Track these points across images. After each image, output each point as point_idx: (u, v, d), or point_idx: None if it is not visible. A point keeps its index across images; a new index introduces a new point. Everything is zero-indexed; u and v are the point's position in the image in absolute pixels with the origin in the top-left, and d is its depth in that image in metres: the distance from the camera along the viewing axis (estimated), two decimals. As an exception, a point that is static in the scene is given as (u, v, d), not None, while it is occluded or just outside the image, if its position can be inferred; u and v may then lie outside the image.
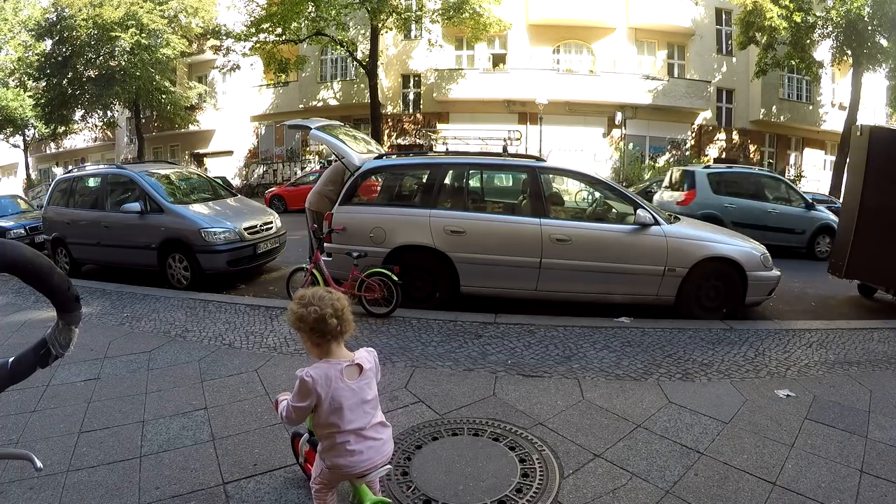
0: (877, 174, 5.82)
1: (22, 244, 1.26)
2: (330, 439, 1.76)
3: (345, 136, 6.19)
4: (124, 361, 3.85)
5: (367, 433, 1.77)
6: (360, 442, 1.75)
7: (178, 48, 21.48)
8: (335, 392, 1.71)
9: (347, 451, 1.74)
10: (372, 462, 1.77)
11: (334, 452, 1.76)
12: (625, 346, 4.18)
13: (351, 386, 1.74)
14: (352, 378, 1.75)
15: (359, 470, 1.76)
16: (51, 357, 1.35)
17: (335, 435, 1.75)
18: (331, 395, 1.70)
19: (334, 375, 1.71)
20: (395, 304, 4.81)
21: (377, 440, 1.79)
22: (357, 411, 1.75)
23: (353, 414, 1.73)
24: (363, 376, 1.78)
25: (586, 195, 6.36)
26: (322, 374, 1.70)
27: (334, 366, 1.74)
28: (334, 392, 1.71)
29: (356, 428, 1.75)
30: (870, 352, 4.20)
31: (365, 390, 1.77)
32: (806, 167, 23.73)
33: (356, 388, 1.75)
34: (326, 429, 1.75)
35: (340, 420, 1.72)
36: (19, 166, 31.68)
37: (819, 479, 2.44)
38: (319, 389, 1.69)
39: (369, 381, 1.79)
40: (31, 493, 2.32)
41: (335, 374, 1.72)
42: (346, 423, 1.73)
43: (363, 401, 1.76)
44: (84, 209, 7.25)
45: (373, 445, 1.77)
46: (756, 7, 17.06)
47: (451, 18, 18.29)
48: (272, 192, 18.20)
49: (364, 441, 1.76)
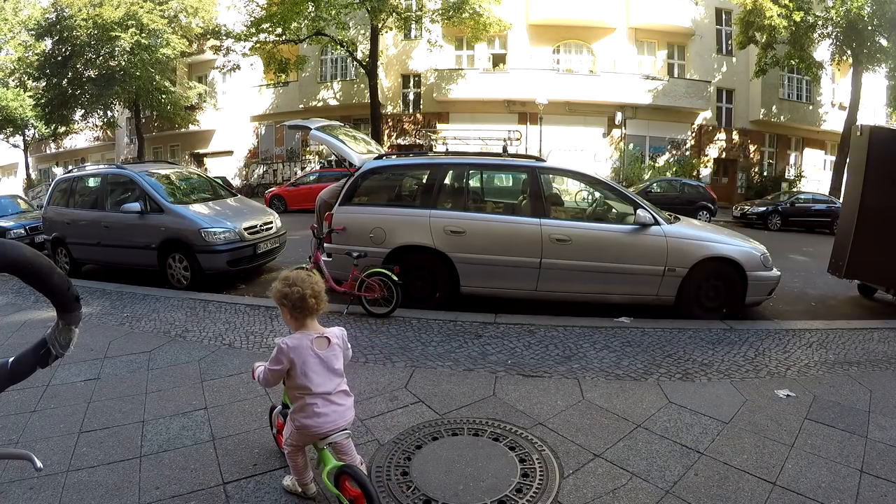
0: (877, 174, 5.82)
1: (22, 244, 1.26)
2: (301, 401, 2.05)
3: (345, 136, 6.19)
4: (124, 361, 3.85)
5: (333, 398, 2.06)
6: (327, 405, 2.04)
7: (178, 48, 21.48)
8: (305, 358, 2.02)
9: (315, 412, 2.03)
10: (335, 424, 2.06)
11: (303, 413, 2.05)
12: (625, 346, 4.18)
13: (319, 354, 2.05)
14: (321, 348, 2.06)
15: (323, 430, 2.05)
16: (51, 357, 1.35)
17: (305, 397, 2.04)
18: (302, 359, 2.01)
19: (305, 344, 2.03)
20: (395, 304, 4.80)
21: (341, 405, 2.09)
22: (324, 376, 2.05)
23: (320, 378, 2.03)
24: (330, 348, 2.08)
25: (586, 195, 6.36)
26: (296, 342, 2.02)
27: (306, 336, 2.05)
28: (305, 358, 2.01)
29: (323, 392, 2.04)
30: (870, 352, 4.20)
31: (331, 359, 2.07)
32: (806, 167, 23.74)
33: (323, 357, 2.05)
34: (298, 391, 2.05)
35: (310, 383, 2.02)
36: (19, 166, 31.69)
37: (819, 479, 2.44)
38: (293, 355, 2.00)
39: (336, 353, 2.10)
40: (31, 493, 2.32)
41: (306, 343, 2.03)
42: (315, 387, 2.02)
43: (329, 368, 2.06)
44: (84, 209, 7.25)
45: (337, 409, 2.07)
46: (756, 6, 17.06)
47: (451, 18, 18.30)
48: (272, 192, 18.21)
49: (330, 405, 2.05)
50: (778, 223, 15.71)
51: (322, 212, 6.16)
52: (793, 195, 17.11)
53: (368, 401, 3.18)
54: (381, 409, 3.10)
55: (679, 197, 16.26)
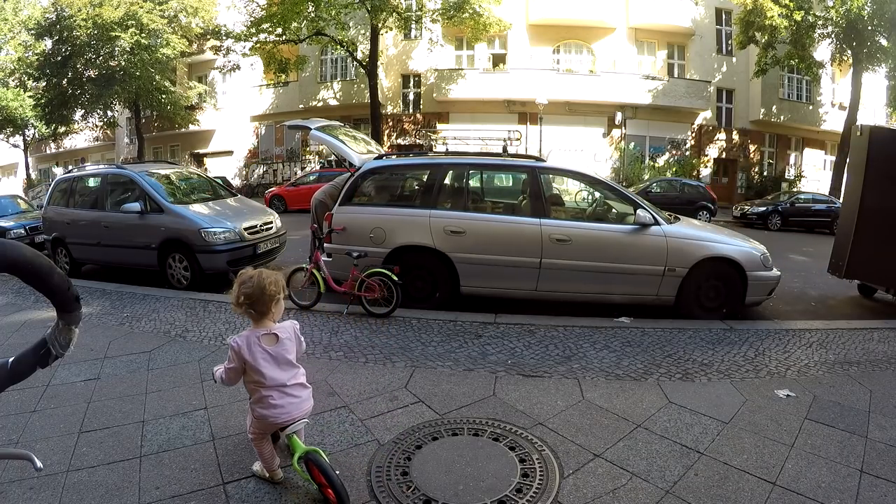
0: (877, 174, 5.82)
1: (22, 244, 1.26)
2: (256, 393, 2.18)
3: (345, 136, 6.19)
4: (124, 361, 3.85)
5: (288, 390, 2.18)
6: (282, 397, 2.17)
7: (178, 48, 21.48)
8: (255, 354, 2.14)
9: (270, 404, 2.16)
10: (290, 415, 2.18)
11: (260, 405, 2.18)
12: (625, 346, 4.18)
13: (268, 350, 2.16)
14: (269, 344, 2.17)
15: (280, 421, 2.17)
16: (51, 357, 1.35)
17: (260, 390, 2.17)
18: (252, 356, 2.13)
19: (253, 341, 2.15)
20: (395, 304, 4.80)
21: (297, 397, 2.21)
22: (276, 370, 2.17)
23: (271, 372, 2.16)
24: (279, 343, 2.18)
25: (586, 195, 6.36)
26: (244, 340, 2.16)
27: (254, 334, 2.17)
28: (254, 354, 2.14)
29: (277, 384, 2.16)
30: (870, 352, 4.20)
31: (282, 353, 2.19)
32: (806, 167, 23.75)
33: (272, 352, 2.17)
34: (253, 384, 2.18)
35: (262, 377, 2.15)
36: (19, 166, 31.69)
37: (819, 479, 2.44)
38: (243, 353, 2.13)
39: (286, 347, 2.20)
40: (31, 493, 2.32)
41: (254, 340, 2.15)
42: (267, 380, 2.15)
43: (281, 362, 2.18)
44: (84, 209, 7.24)
45: (292, 401, 2.19)
46: (756, 6, 17.06)
47: (451, 18, 18.30)
48: (272, 192, 18.22)
49: (285, 397, 2.18)
50: (778, 223, 15.71)
51: (318, 212, 6.18)
52: (793, 195, 17.11)
53: (368, 401, 3.18)
54: (381, 409, 3.10)
55: (679, 197, 16.27)
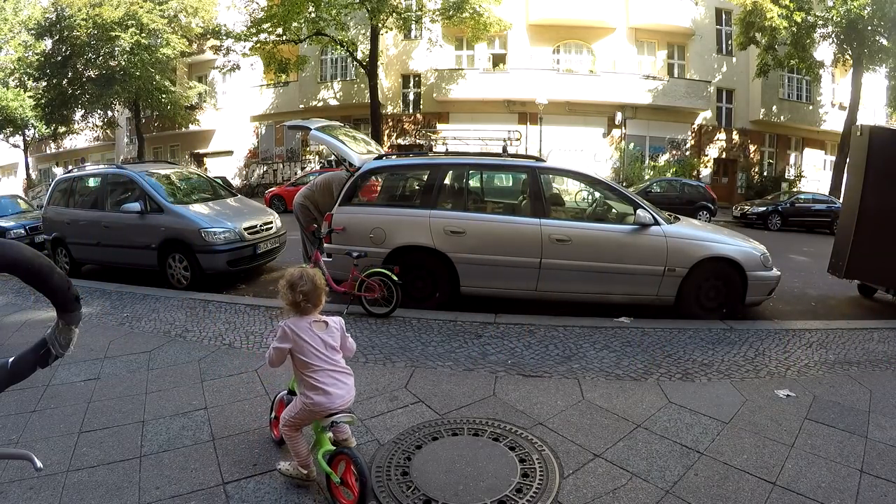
0: (877, 174, 5.82)
1: (22, 244, 1.26)
2: (310, 380, 2.22)
3: (344, 136, 6.19)
4: (124, 361, 3.85)
5: (338, 376, 2.25)
6: (334, 384, 2.23)
7: (178, 48, 21.47)
8: (306, 337, 2.22)
9: (324, 390, 2.20)
10: (343, 400, 2.24)
11: (314, 391, 2.21)
12: (625, 346, 4.18)
13: (318, 334, 2.26)
14: (319, 330, 2.27)
15: (333, 407, 2.21)
16: (51, 357, 1.35)
17: (314, 374, 2.22)
18: (304, 338, 2.22)
19: (305, 325, 2.25)
20: (395, 304, 4.80)
21: (346, 384, 2.27)
22: (326, 355, 2.24)
23: (323, 356, 2.24)
24: (328, 330, 2.29)
25: (586, 195, 6.36)
26: (297, 322, 2.26)
27: (305, 319, 2.27)
28: (305, 337, 2.22)
29: (329, 369, 2.23)
30: (870, 352, 4.20)
31: (330, 340, 2.28)
32: (806, 167, 23.73)
33: (322, 337, 2.26)
34: (305, 369, 2.23)
35: (315, 361, 2.22)
36: (19, 166, 31.67)
37: (819, 479, 2.44)
38: (294, 334, 2.22)
39: (334, 335, 2.30)
40: (31, 493, 2.32)
41: (306, 324, 2.26)
42: (320, 363, 2.22)
43: (329, 346, 2.27)
44: (84, 209, 7.24)
45: (342, 388, 2.25)
46: (756, 7, 17.05)
47: (451, 18, 18.28)
48: (272, 192, 18.22)
49: (337, 383, 2.24)
50: (778, 223, 15.71)
51: (301, 215, 6.22)
52: (793, 195, 17.10)
53: (368, 401, 3.18)
54: (381, 409, 3.10)
55: (679, 197, 16.27)
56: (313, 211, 6.25)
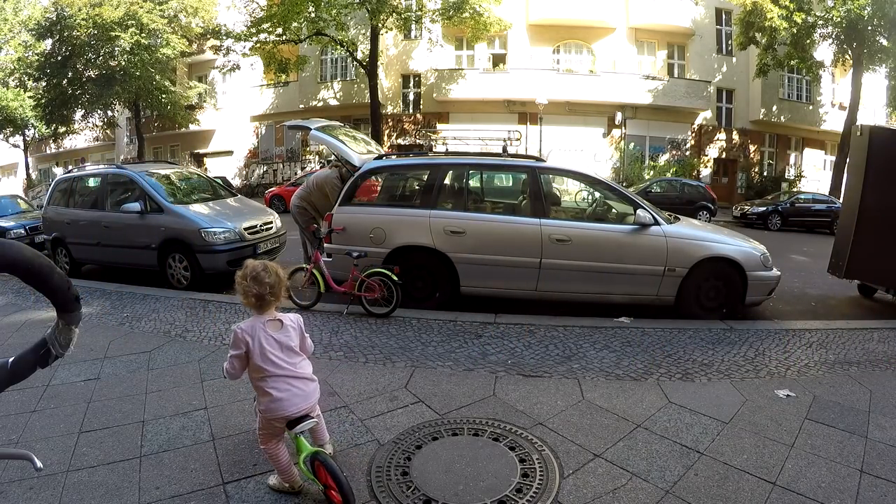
0: (877, 174, 5.82)
1: (22, 244, 1.26)
2: (263, 384, 2.12)
3: (344, 136, 6.19)
4: (124, 361, 3.85)
5: (293, 381, 2.14)
6: (288, 388, 2.11)
7: (178, 48, 21.47)
8: (260, 340, 2.11)
9: (276, 396, 2.09)
10: (298, 406, 2.12)
11: (268, 398, 2.11)
12: (625, 346, 4.18)
13: (273, 335, 2.14)
14: (274, 330, 2.16)
15: (288, 412, 2.10)
16: (51, 357, 1.35)
17: (266, 379, 2.11)
18: (257, 341, 2.10)
19: (259, 326, 2.14)
20: (395, 304, 4.80)
21: (302, 389, 2.15)
22: (281, 357, 2.13)
23: (277, 358, 2.12)
24: (284, 329, 2.18)
25: (586, 195, 6.36)
26: (249, 325, 2.15)
27: (259, 320, 2.16)
28: (260, 340, 2.11)
29: (283, 374, 2.12)
30: (870, 352, 4.20)
31: (286, 340, 2.16)
32: (806, 167, 23.74)
33: (277, 338, 2.15)
34: (258, 373, 2.12)
35: (268, 364, 2.10)
36: (19, 166, 31.67)
37: (819, 479, 2.44)
38: (247, 337, 2.10)
39: (290, 335, 2.18)
40: (31, 493, 2.32)
41: (259, 325, 2.14)
42: (274, 368, 2.10)
43: (285, 347, 2.15)
44: (84, 209, 7.24)
45: (299, 393, 2.14)
46: (756, 7, 17.06)
47: (451, 18, 18.28)
48: (272, 192, 18.22)
49: (291, 388, 2.12)
50: (778, 223, 15.72)
51: (300, 217, 6.21)
52: (793, 195, 17.11)
53: (368, 401, 3.18)
54: (381, 409, 3.10)
55: (679, 197, 16.27)
56: (311, 211, 6.25)
